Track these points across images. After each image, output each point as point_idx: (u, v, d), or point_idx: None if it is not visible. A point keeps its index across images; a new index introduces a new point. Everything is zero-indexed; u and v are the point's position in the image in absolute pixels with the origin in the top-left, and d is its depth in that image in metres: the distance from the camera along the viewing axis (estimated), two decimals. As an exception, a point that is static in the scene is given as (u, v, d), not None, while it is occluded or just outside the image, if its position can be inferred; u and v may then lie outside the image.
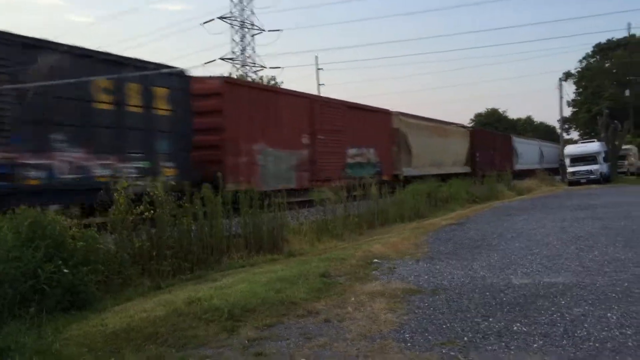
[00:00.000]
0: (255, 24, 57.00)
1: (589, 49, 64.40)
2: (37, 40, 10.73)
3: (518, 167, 44.74)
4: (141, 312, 5.92)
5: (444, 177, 26.95)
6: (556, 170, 46.43)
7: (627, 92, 51.89)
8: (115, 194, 8.11)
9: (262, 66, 56.97)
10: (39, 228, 6.30)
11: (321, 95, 31.41)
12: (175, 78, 13.81)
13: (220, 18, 56.11)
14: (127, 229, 8.12)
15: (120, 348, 4.84)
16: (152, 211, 8.39)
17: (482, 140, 38.93)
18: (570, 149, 39.20)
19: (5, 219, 6.31)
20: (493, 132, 50.02)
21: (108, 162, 11.75)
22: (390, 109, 27.04)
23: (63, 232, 6.63)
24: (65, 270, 6.09)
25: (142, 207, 8.28)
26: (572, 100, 57.57)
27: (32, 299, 5.65)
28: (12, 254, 5.56)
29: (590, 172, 34.43)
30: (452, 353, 4.54)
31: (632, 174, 43.59)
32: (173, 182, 10.30)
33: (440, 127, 33.04)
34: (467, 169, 35.26)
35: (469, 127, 40.98)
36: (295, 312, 5.88)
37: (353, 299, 6.40)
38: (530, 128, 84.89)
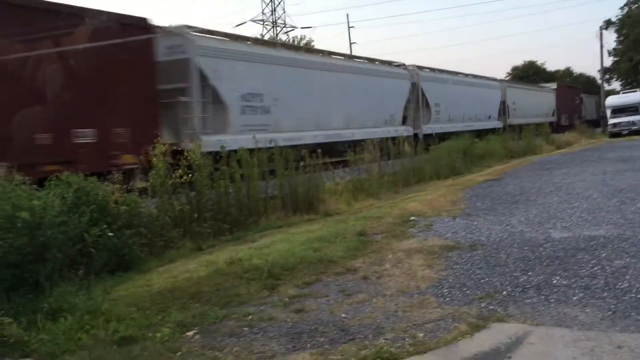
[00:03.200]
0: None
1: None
2: None
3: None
4: (184, 273, 6.10)
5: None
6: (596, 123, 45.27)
7: (671, 39, 49.67)
8: (154, 159, 8.28)
9: (293, 26, 56.48)
10: (84, 194, 6.50)
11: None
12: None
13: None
14: (167, 192, 8.30)
15: (166, 307, 5.02)
16: (190, 175, 8.53)
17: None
18: (611, 100, 37.95)
19: (52, 186, 6.51)
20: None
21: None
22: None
23: (106, 197, 6.83)
24: (110, 234, 6.30)
25: (180, 171, 8.44)
26: (613, 49, 55.45)
27: (80, 262, 5.87)
28: (60, 219, 5.75)
29: (633, 123, 33.33)
30: (491, 307, 4.57)
31: (677, 123, 42.08)
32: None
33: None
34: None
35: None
36: (334, 270, 5.98)
37: (390, 256, 6.45)
38: (570, 79, 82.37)
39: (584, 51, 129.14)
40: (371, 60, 24.50)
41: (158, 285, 5.70)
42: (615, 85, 61.04)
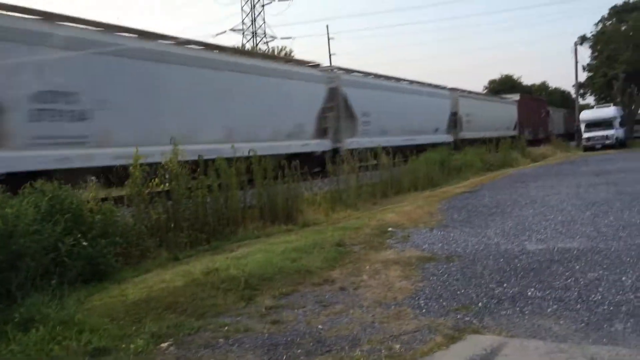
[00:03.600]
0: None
1: (604, 12, 62.91)
2: None
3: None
4: (160, 283, 6.03)
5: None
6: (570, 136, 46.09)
7: (643, 56, 50.71)
8: (130, 168, 8.20)
9: (272, 37, 56.56)
10: (58, 202, 6.40)
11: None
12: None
13: (230, -12, 55.50)
14: (144, 201, 8.22)
15: (141, 317, 4.95)
16: (167, 184, 8.47)
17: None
18: (585, 114, 38.71)
19: (25, 194, 6.41)
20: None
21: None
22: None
23: (81, 205, 6.74)
24: (85, 243, 6.20)
25: (157, 179, 8.37)
26: (588, 64, 56.48)
27: (54, 272, 5.76)
28: (33, 227, 5.66)
29: (606, 137, 34.07)
30: (467, 318, 4.60)
31: (648, 138, 43.04)
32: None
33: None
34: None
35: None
36: (311, 281, 5.97)
37: (368, 267, 6.47)
38: (545, 94, 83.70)
39: (560, 66, 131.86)
40: (271, 58, 20.64)
41: (133, 295, 5.62)
42: (590, 100, 62.17)
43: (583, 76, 52.77)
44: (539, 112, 49.66)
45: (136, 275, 6.71)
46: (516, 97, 45.66)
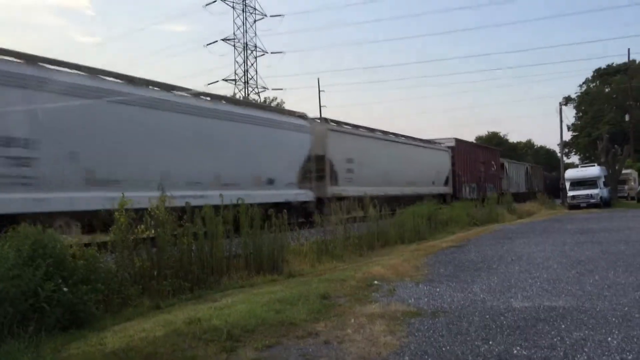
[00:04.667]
0: (259, 46, 57.55)
1: (589, 74, 64.96)
2: None
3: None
4: (141, 332, 5.90)
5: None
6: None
7: (627, 117, 52.10)
8: (115, 213, 8.14)
9: (264, 87, 57.45)
10: (40, 247, 6.32)
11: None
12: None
13: (224, 40, 56.77)
14: (128, 248, 8.12)
15: (119, 368, 4.82)
16: (152, 230, 8.40)
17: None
18: (570, 173, 39.31)
19: (7, 237, 6.32)
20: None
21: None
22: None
23: (64, 250, 6.65)
24: (65, 289, 6.09)
25: (142, 226, 8.30)
26: (572, 124, 57.89)
27: (32, 318, 5.64)
28: (13, 272, 5.56)
29: (591, 196, 34.50)
30: (452, 376, 4.52)
31: (632, 198, 43.70)
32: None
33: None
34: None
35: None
36: (295, 333, 5.86)
37: (353, 320, 6.38)
38: (530, 152, 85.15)
39: (545, 125, 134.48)
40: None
41: (112, 344, 5.49)
42: (574, 159, 63.30)
43: (568, 135, 53.93)
44: (487, 165, 40.16)
45: (116, 323, 6.57)
46: (450, 142, 34.69)
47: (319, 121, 23.20)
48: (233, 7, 57.55)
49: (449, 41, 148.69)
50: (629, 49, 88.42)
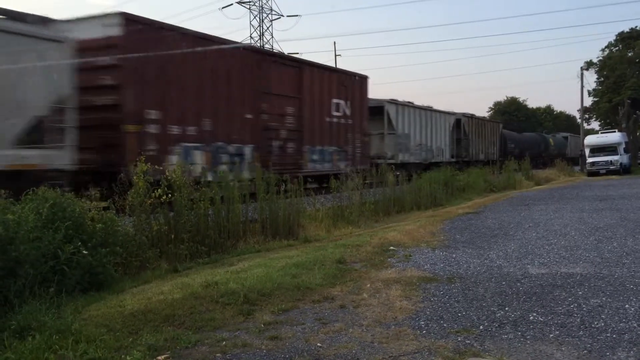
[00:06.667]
0: (274, 9, 56.76)
1: (611, 38, 63.23)
2: None
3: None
4: (159, 295, 5.99)
5: None
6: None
7: (650, 82, 50.87)
8: (134, 177, 8.18)
9: (280, 51, 56.88)
10: (60, 210, 6.37)
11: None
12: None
13: (239, 3, 56.15)
14: (146, 212, 8.19)
15: (138, 329, 4.90)
16: (169, 195, 8.44)
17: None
18: (590, 139, 38.70)
19: (27, 200, 6.39)
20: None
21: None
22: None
23: (82, 214, 6.71)
24: (85, 252, 6.16)
25: (159, 190, 8.34)
26: (593, 89, 56.65)
27: (52, 280, 5.72)
28: (33, 234, 5.63)
29: (610, 162, 34.02)
30: (468, 341, 4.54)
31: (653, 165, 42.98)
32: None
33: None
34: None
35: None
36: (311, 298, 5.91)
37: (369, 285, 6.41)
38: (550, 117, 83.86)
39: (565, 90, 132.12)
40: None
41: (131, 306, 5.57)
42: (595, 125, 62.24)
43: (588, 101, 52.91)
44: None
45: (135, 286, 6.67)
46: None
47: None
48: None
49: (468, 5, 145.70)
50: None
